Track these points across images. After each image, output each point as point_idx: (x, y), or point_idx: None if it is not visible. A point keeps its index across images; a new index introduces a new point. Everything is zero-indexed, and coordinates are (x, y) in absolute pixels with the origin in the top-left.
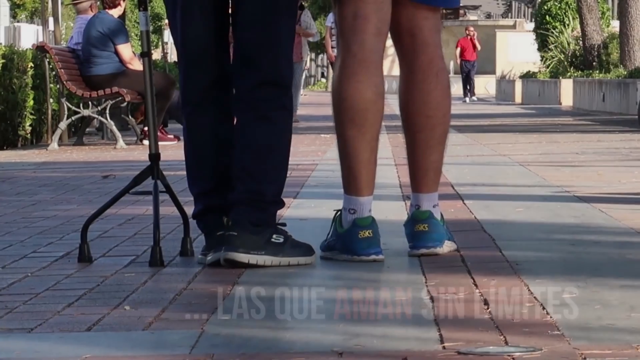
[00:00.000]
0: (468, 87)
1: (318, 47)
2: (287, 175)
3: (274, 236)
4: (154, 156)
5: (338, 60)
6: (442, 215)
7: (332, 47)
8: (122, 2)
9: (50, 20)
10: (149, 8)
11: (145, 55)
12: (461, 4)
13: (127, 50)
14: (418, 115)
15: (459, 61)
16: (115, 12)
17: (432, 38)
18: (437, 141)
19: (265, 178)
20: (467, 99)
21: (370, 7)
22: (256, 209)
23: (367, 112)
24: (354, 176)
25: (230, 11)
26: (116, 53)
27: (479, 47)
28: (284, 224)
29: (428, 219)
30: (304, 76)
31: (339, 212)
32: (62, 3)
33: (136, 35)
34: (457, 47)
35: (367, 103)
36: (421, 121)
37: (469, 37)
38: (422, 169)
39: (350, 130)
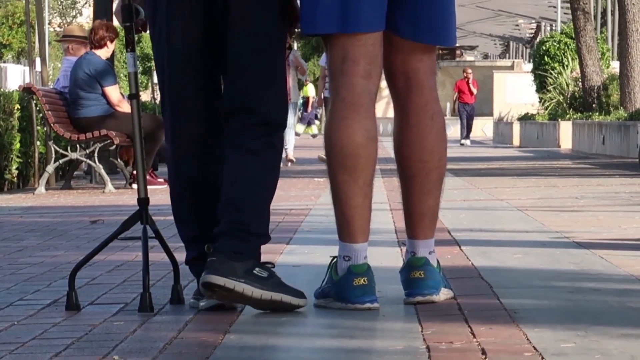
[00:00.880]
0: (465, 129)
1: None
2: (280, 220)
3: (257, 269)
4: (143, 200)
5: (329, 104)
6: (438, 261)
7: (325, 88)
8: (109, 43)
9: (38, 60)
10: (139, 48)
11: (133, 97)
12: (458, 44)
13: (115, 92)
14: (413, 159)
15: (455, 103)
16: (102, 53)
17: (427, 80)
18: (433, 186)
19: (249, 210)
20: (463, 141)
21: (359, 50)
22: (238, 239)
23: (358, 157)
24: (348, 222)
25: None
26: (104, 95)
27: (474, 91)
28: (272, 264)
29: (424, 265)
30: (296, 117)
31: (334, 259)
32: (49, 43)
33: (125, 76)
34: (454, 89)
35: (358, 147)
36: (416, 166)
37: (465, 80)
38: (417, 214)
39: (341, 175)
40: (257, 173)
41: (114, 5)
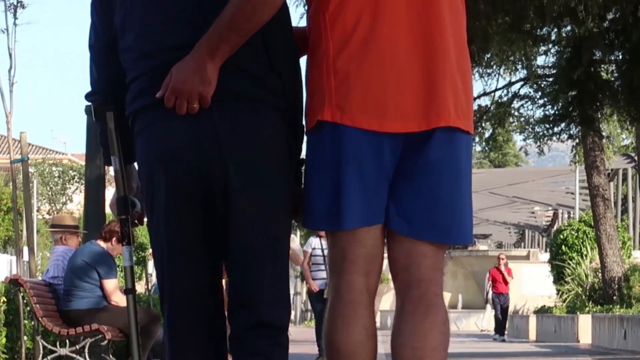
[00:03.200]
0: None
1: None
2: None
3: None
4: None
5: (329, 300)
6: None
7: (312, 278)
8: (115, 241)
9: (25, 250)
10: None
11: (129, 292)
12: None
13: (111, 285)
14: (405, 347)
15: (489, 294)
16: (106, 246)
17: (428, 275)
18: None
19: None
20: (497, 336)
21: (358, 251)
22: None
23: (356, 355)
24: None
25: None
26: (100, 287)
27: (509, 279)
28: None
29: None
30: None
31: None
32: (38, 231)
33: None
34: (488, 278)
35: (356, 346)
36: (407, 353)
37: (499, 267)
38: None
39: None
40: None
41: (110, 197)
